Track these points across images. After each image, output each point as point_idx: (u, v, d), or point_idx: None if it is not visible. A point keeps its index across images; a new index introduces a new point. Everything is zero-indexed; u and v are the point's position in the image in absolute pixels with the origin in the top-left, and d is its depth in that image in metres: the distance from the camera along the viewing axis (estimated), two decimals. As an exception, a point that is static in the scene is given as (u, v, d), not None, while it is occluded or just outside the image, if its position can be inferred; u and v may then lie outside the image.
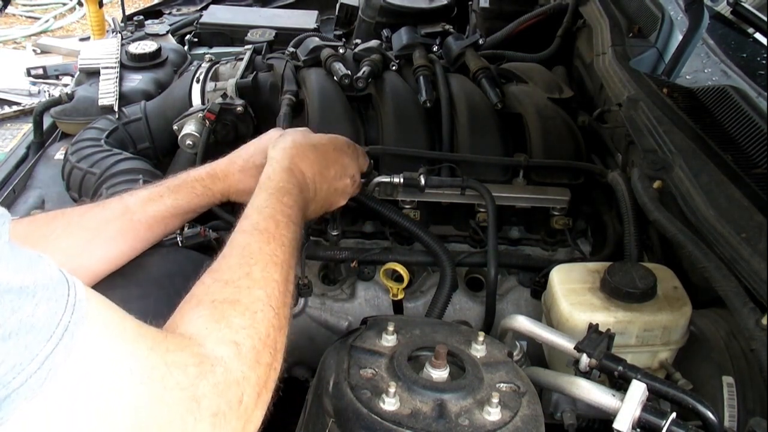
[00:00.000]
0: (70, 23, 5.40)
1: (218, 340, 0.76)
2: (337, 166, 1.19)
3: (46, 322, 0.58)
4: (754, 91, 1.52)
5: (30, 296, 0.57)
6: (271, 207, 1.00)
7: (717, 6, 1.81)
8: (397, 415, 0.84)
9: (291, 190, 1.05)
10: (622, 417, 0.86)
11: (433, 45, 1.94)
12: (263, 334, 0.81)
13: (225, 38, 2.38)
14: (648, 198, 1.18)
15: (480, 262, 1.37)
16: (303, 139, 1.18)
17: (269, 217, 0.98)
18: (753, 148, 1.25)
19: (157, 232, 1.16)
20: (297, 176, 1.09)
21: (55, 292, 0.60)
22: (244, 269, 0.87)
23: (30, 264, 0.59)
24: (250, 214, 0.99)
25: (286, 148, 1.14)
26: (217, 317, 0.79)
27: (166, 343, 0.70)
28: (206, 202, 1.22)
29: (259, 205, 1.00)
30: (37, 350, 0.56)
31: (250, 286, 0.85)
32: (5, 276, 0.56)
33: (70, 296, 0.61)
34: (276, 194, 1.03)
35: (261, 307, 0.83)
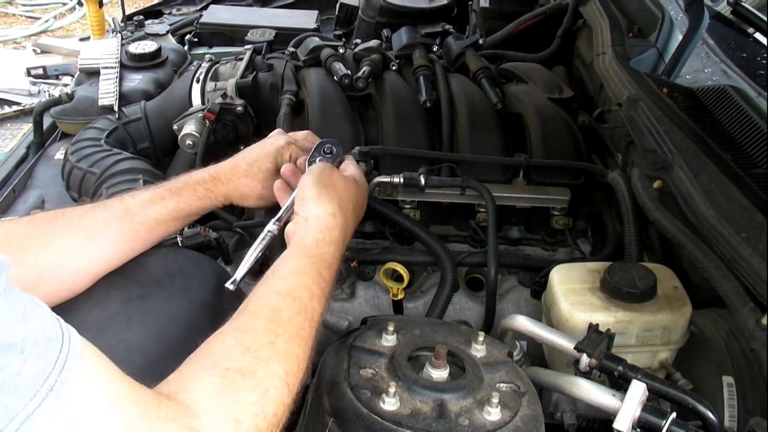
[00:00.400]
0: (70, 23, 5.39)
1: (219, 413, 0.74)
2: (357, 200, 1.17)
3: (31, 381, 0.56)
4: (754, 91, 1.52)
5: (18, 353, 0.55)
6: (311, 277, 0.97)
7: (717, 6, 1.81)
8: (397, 415, 0.84)
9: (334, 262, 1.03)
10: (622, 417, 0.86)
11: (433, 45, 1.94)
12: (270, 413, 0.78)
13: (225, 38, 2.38)
14: (648, 198, 1.18)
15: (480, 262, 1.37)
16: (347, 199, 1.13)
17: (306, 286, 0.95)
18: (753, 148, 1.25)
19: (157, 234, 1.16)
20: (340, 243, 1.06)
21: (45, 348, 0.58)
22: (269, 337, 0.85)
23: (24, 316, 0.57)
24: (288, 276, 0.96)
25: (335, 216, 1.07)
26: (225, 389, 0.77)
27: (158, 411, 0.68)
28: (208, 204, 1.22)
29: (299, 269, 0.97)
30: (17, 410, 0.55)
31: (270, 358, 0.83)
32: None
33: (62, 353, 0.59)
34: (318, 264, 0.99)
35: (276, 384, 0.81)
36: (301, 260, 0.99)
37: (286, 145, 1.26)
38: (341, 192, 1.12)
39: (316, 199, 1.09)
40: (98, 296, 1.05)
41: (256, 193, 1.23)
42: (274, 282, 0.94)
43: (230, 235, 1.46)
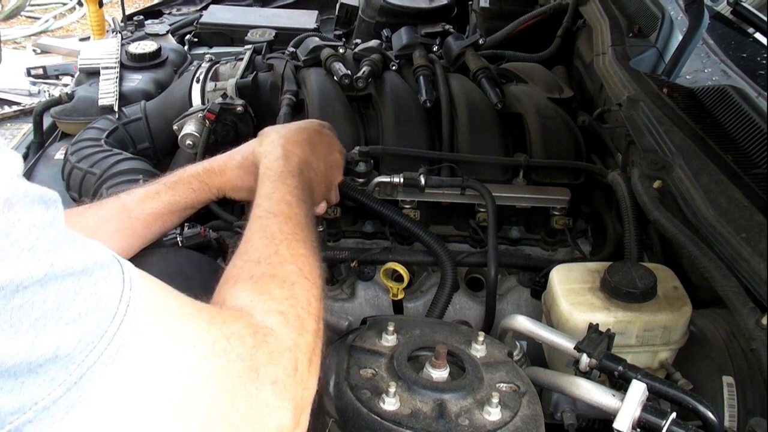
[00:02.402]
0: (70, 23, 5.40)
1: (265, 311, 0.78)
2: (324, 144, 1.23)
3: (110, 300, 0.58)
4: (754, 91, 1.51)
5: (88, 275, 0.58)
6: (279, 191, 1.02)
7: (717, 6, 1.81)
8: (397, 415, 0.84)
9: (293, 171, 1.08)
10: (622, 417, 0.86)
11: (433, 45, 1.94)
12: (305, 303, 0.83)
13: (225, 38, 2.38)
14: (648, 198, 1.18)
15: (480, 262, 1.37)
16: (286, 128, 1.22)
17: (280, 200, 1.00)
18: (753, 148, 1.25)
19: (154, 230, 1.16)
20: (293, 160, 1.12)
21: (110, 270, 0.60)
22: (271, 248, 0.89)
23: (84, 246, 0.60)
24: (261, 203, 1.00)
25: (274, 140, 1.17)
26: (260, 290, 0.81)
27: (222, 316, 0.72)
28: (204, 197, 1.22)
29: (267, 192, 1.02)
30: (105, 327, 0.57)
31: (281, 261, 0.87)
32: (68, 260, 0.57)
33: (125, 273, 0.61)
34: (279, 179, 1.05)
35: (296, 279, 0.85)
36: (264, 185, 1.04)
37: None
38: (279, 127, 1.24)
39: (260, 143, 1.19)
40: (98, 296, 1.05)
41: (247, 185, 1.22)
42: (253, 212, 0.99)
43: (230, 235, 1.46)
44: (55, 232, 0.57)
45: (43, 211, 0.57)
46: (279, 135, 1.19)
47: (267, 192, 1.02)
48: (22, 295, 0.52)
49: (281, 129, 1.23)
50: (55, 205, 0.59)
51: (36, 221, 0.55)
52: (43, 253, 0.55)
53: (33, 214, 0.55)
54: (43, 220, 0.56)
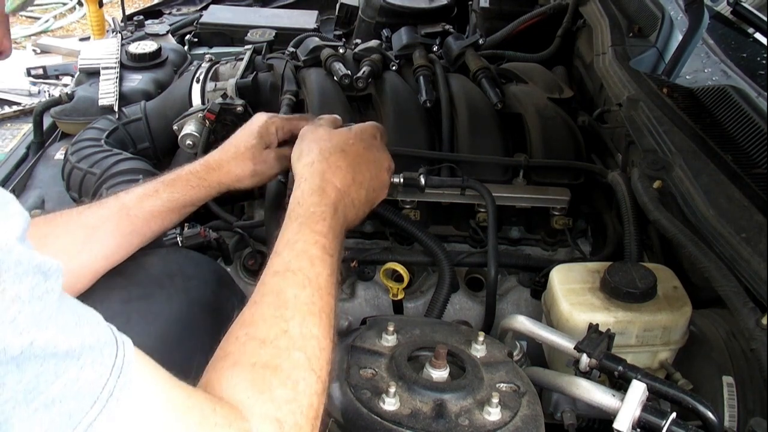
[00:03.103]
0: (70, 23, 5.39)
1: (262, 415, 0.72)
2: (371, 165, 1.12)
3: (91, 387, 0.55)
4: (754, 91, 1.52)
5: (74, 359, 0.54)
6: (303, 240, 0.92)
7: (717, 6, 1.81)
8: (397, 415, 0.84)
9: (324, 213, 0.97)
10: (622, 417, 0.86)
11: (433, 45, 1.94)
12: (305, 406, 0.76)
13: (225, 38, 2.38)
14: (648, 198, 1.18)
15: (480, 262, 1.37)
16: (330, 146, 1.09)
17: (302, 252, 0.90)
18: (753, 148, 1.25)
19: (154, 228, 1.16)
20: (330, 194, 1.01)
21: (101, 353, 0.57)
22: (281, 325, 0.81)
23: (78, 322, 0.56)
24: (281, 251, 0.92)
25: (313, 163, 1.05)
26: (260, 387, 0.74)
27: (214, 416, 0.67)
28: (203, 194, 1.22)
29: (290, 238, 0.93)
30: (79, 418, 0.53)
31: (289, 347, 0.79)
32: (50, 338, 0.53)
33: (117, 357, 0.58)
34: (307, 223, 0.95)
35: (303, 375, 0.78)
36: (290, 227, 0.95)
37: (268, 119, 1.27)
38: (323, 142, 1.10)
39: (298, 158, 1.08)
40: (98, 296, 1.05)
41: (248, 172, 1.23)
42: (271, 262, 0.90)
43: (230, 235, 1.46)
44: (44, 306, 0.54)
45: (35, 282, 0.53)
46: (321, 156, 1.07)
47: (291, 238, 0.93)
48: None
49: (325, 144, 1.09)
50: (55, 277, 0.56)
51: (22, 293, 0.52)
52: (25, 327, 0.51)
53: (20, 286, 0.52)
54: (32, 292, 0.53)
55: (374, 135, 1.18)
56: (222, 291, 1.18)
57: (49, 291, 0.54)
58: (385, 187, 1.18)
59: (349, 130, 1.16)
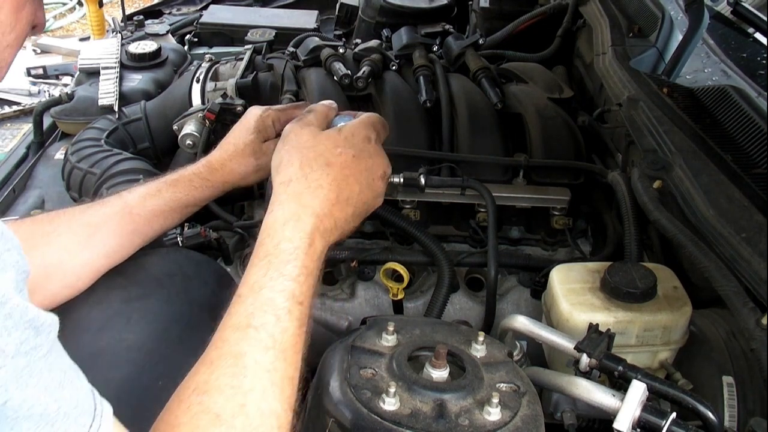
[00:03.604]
0: (70, 23, 5.39)
1: None
2: (362, 176, 0.99)
3: None
4: (754, 91, 1.52)
5: (50, 425, 0.53)
6: (270, 286, 0.82)
7: (717, 6, 1.81)
8: (397, 415, 0.84)
9: (297, 250, 0.86)
10: (622, 417, 0.86)
11: (433, 45, 1.94)
12: None
13: (225, 38, 2.38)
14: (648, 198, 1.18)
15: (480, 262, 1.37)
16: (312, 157, 0.95)
17: (267, 303, 0.80)
18: (753, 148, 1.25)
19: (156, 227, 1.16)
20: (306, 223, 0.89)
21: (75, 422, 0.55)
22: (238, 399, 0.72)
23: (62, 382, 0.55)
24: (245, 296, 0.81)
25: (291, 182, 0.93)
26: None
27: None
28: (207, 194, 1.22)
29: (256, 282, 0.83)
30: None
31: (245, 427, 0.71)
32: (27, 398, 0.52)
33: (92, 428, 0.57)
34: (276, 264, 0.84)
35: None
36: (257, 266, 0.84)
37: (263, 113, 1.27)
38: (306, 150, 0.95)
39: (276, 169, 0.95)
40: (99, 296, 1.05)
41: (252, 168, 1.23)
42: (232, 310, 0.81)
43: (230, 235, 1.46)
44: (28, 362, 0.52)
45: (25, 337, 0.52)
46: (300, 172, 0.93)
47: (256, 281, 0.82)
48: None
49: (307, 156, 0.95)
50: (47, 332, 0.54)
51: (7, 348, 0.51)
52: (3, 384, 0.50)
53: (8, 339, 0.51)
54: (18, 347, 0.51)
55: (368, 137, 1.03)
56: (222, 291, 1.18)
57: (37, 347, 0.53)
58: (379, 196, 1.05)
59: (339, 132, 1.01)
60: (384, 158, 1.05)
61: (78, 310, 1.03)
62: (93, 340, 0.99)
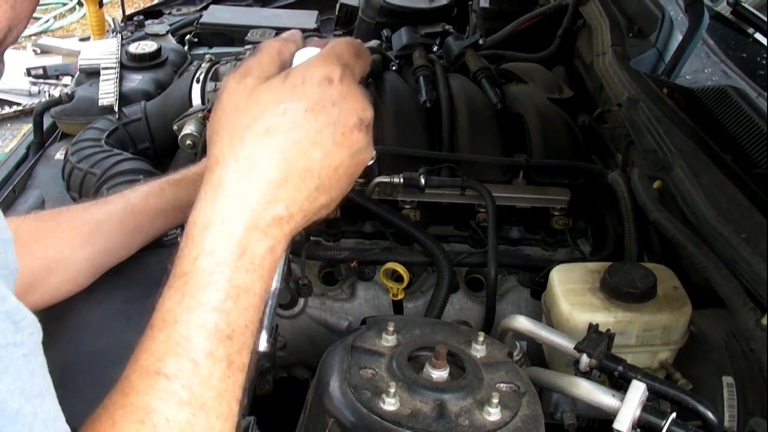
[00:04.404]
0: (70, 23, 5.40)
1: None
2: (324, 133, 0.68)
3: None
4: (754, 91, 1.52)
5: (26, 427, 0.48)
6: (186, 320, 0.64)
7: (717, 6, 1.81)
8: (397, 415, 0.84)
9: (222, 268, 0.66)
10: (622, 417, 0.86)
11: (433, 45, 1.94)
12: None
13: (225, 38, 2.38)
14: (648, 198, 1.18)
15: (480, 262, 1.37)
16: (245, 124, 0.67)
17: (182, 343, 0.63)
18: (753, 148, 1.25)
19: (158, 226, 1.16)
20: (233, 226, 0.66)
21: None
22: None
23: (41, 393, 0.50)
24: (157, 330, 0.64)
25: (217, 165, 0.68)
26: None
27: None
28: None
29: (169, 311, 0.65)
30: None
31: None
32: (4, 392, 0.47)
33: None
34: (192, 288, 0.65)
35: None
36: (172, 287, 0.67)
37: None
38: (237, 115, 0.68)
39: (207, 146, 0.70)
40: (99, 296, 1.06)
41: None
42: (144, 346, 0.65)
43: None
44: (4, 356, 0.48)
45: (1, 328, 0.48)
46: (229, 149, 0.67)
47: (170, 309, 0.65)
48: None
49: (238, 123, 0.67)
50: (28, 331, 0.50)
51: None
52: None
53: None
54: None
55: (327, 77, 0.68)
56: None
57: (16, 344, 0.48)
58: (361, 151, 0.71)
59: (284, 81, 0.68)
60: (358, 100, 0.70)
61: (78, 310, 1.03)
62: (93, 340, 0.99)
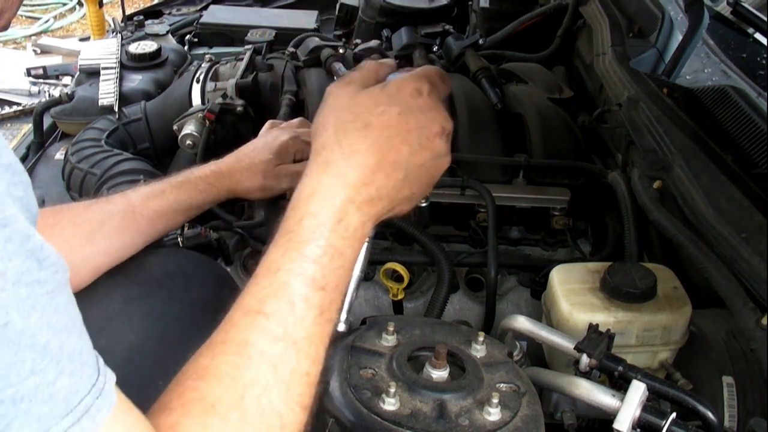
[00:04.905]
0: (70, 23, 5.39)
1: None
2: (411, 135, 0.82)
3: (66, 397, 0.51)
4: (754, 91, 1.52)
5: (54, 361, 0.50)
6: (287, 269, 0.73)
7: (717, 6, 1.81)
8: (397, 415, 0.84)
9: (322, 228, 0.76)
10: (622, 417, 0.86)
11: (433, 45, 1.94)
12: None
13: (225, 38, 2.38)
14: (648, 198, 1.19)
15: (480, 262, 1.37)
16: (348, 119, 0.82)
17: (282, 288, 0.72)
18: (753, 148, 1.25)
19: (158, 227, 1.16)
20: (335, 197, 0.78)
21: (81, 369, 0.53)
22: (237, 391, 0.66)
23: (67, 329, 0.53)
24: (261, 278, 0.74)
25: (324, 149, 0.81)
26: None
27: None
28: (210, 198, 1.23)
29: (273, 261, 0.74)
30: (49, 424, 0.49)
31: (242, 422, 0.65)
32: (29, 326, 0.49)
33: (98, 381, 0.55)
34: (296, 243, 0.75)
35: None
36: (277, 243, 0.76)
37: (290, 140, 1.28)
38: (341, 113, 0.83)
39: (313, 137, 0.84)
40: (99, 296, 1.06)
41: (258, 185, 1.25)
42: (246, 292, 0.74)
43: (230, 235, 1.46)
44: (29, 294, 0.49)
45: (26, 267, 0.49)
46: (334, 138, 0.81)
47: (274, 260, 0.74)
48: None
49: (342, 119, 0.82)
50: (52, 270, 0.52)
51: (7, 273, 0.48)
52: (3, 306, 0.48)
53: (9, 264, 0.48)
54: (20, 277, 0.49)
55: (417, 90, 0.84)
56: (222, 291, 1.18)
57: (40, 281, 0.50)
58: (440, 156, 0.86)
59: (382, 89, 0.85)
60: (441, 113, 0.86)
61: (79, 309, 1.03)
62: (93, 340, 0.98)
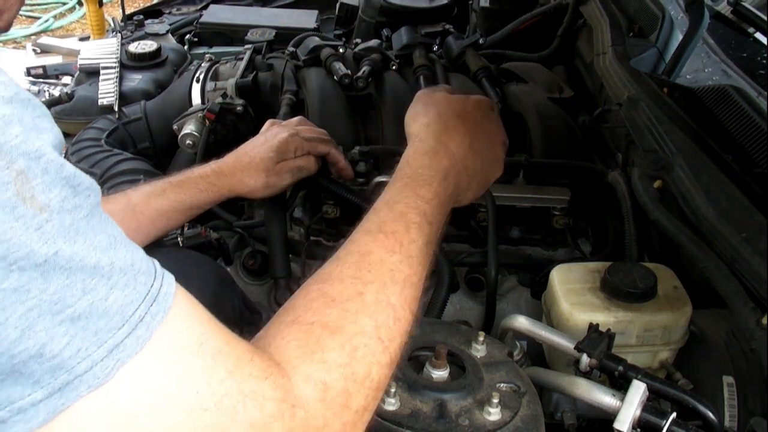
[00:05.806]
0: (70, 23, 5.40)
1: (307, 375, 0.65)
2: (488, 136, 1.05)
3: (120, 309, 0.53)
4: (754, 91, 1.51)
5: (104, 278, 0.52)
6: (404, 202, 0.86)
7: (717, 6, 1.80)
8: (397, 415, 0.84)
9: (432, 178, 0.90)
10: (622, 417, 0.86)
11: (433, 45, 1.94)
12: (361, 375, 0.68)
13: (225, 38, 2.38)
14: (648, 198, 1.18)
15: (480, 262, 1.37)
16: (448, 110, 1.03)
17: (400, 215, 0.84)
18: (753, 148, 1.25)
19: (159, 227, 1.17)
20: (442, 159, 0.94)
21: (134, 279, 0.55)
22: (357, 287, 0.74)
23: (111, 244, 0.54)
24: (379, 209, 0.86)
25: (429, 125, 1.00)
26: (312, 346, 0.67)
27: (250, 367, 0.61)
28: (211, 198, 1.23)
29: (391, 198, 0.87)
30: (105, 337, 0.52)
31: (359, 311, 0.72)
32: (77, 251, 0.51)
33: (153, 287, 0.56)
34: (412, 185, 0.88)
35: (365, 341, 0.70)
36: (394, 186, 0.89)
37: (289, 138, 1.28)
38: (441, 105, 1.04)
39: (413, 119, 1.03)
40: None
41: (261, 184, 1.25)
42: (366, 219, 0.85)
43: (230, 235, 1.46)
44: (72, 220, 0.52)
45: (64, 194, 0.52)
46: (438, 118, 1.01)
47: (392, 197, 0.87)
48: (18, 277, 0.48)
49: (443, 109, 1.03)
50: (85, 194, 0.54)
51: (51, 203, 0.50)
52: (51, 237, 0.50)
53: (50, 195, 0.51)
54: (61, 204, 0.51)
55: (491, 106, 1.11)
56: (222, 291, 1.18)
57: (77, 207, 0.52)
58: (500, 161, 1.07)
59: (467, 97, 1.09)
60: (503, 129, 1.10)
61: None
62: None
